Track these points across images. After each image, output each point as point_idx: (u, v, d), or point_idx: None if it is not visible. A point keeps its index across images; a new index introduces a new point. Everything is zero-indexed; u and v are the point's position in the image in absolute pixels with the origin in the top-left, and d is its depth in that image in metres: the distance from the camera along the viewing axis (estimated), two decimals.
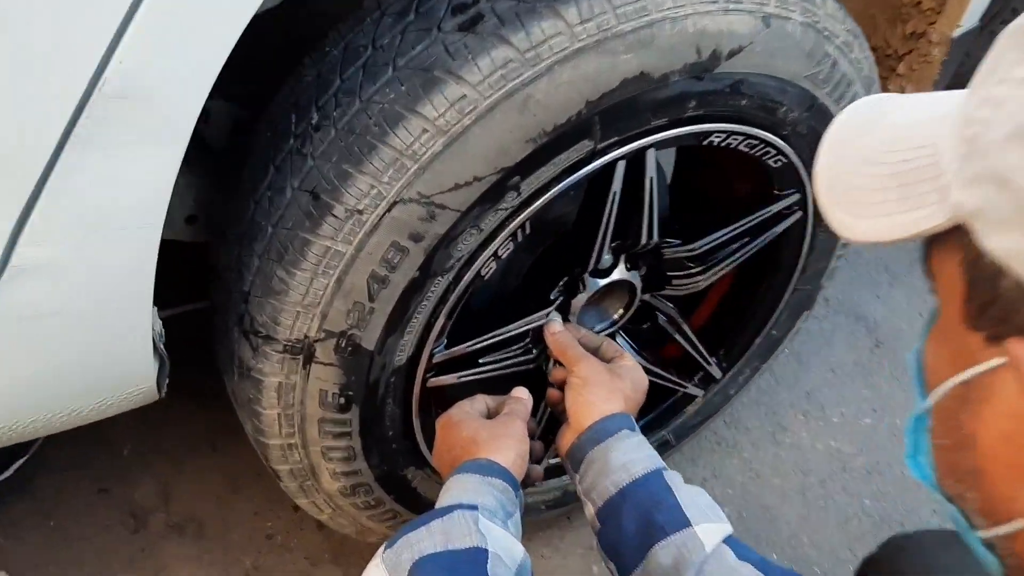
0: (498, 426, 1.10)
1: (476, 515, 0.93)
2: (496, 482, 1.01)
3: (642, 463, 1.05)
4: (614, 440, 1.07)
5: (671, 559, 0.97)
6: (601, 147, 1.09)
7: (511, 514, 1.01)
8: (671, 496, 1.01)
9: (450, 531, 0.91)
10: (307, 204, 1.01)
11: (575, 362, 1.17)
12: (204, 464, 1.80)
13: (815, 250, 1.47)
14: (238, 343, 1.13)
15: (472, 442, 1.07)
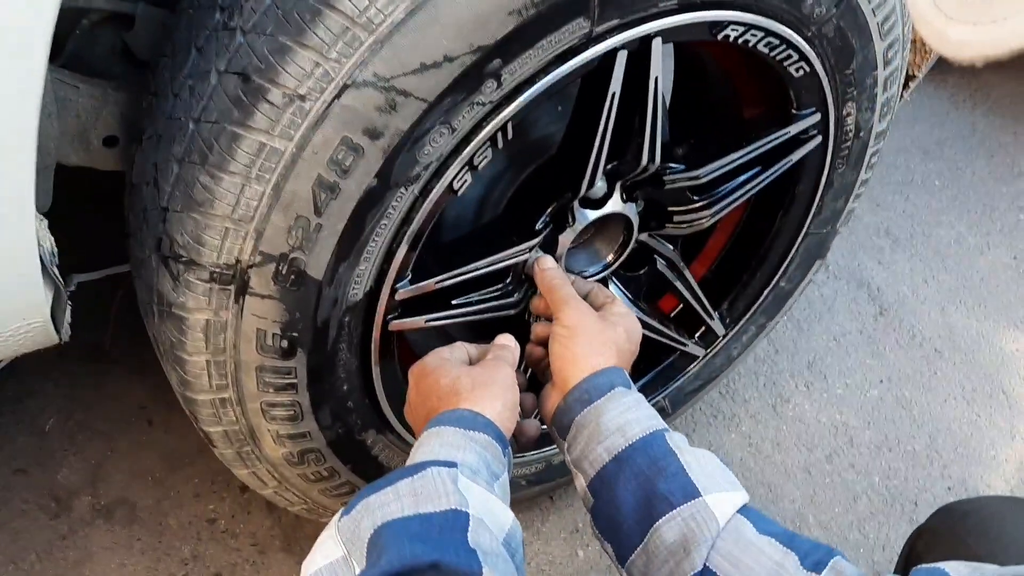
0: (483, 372, 0.91)
1: (455, 473, 0.75)
2: (480, 436, 0.83)
3: (640, 424, 0.88)
4: (606, 400, 0.90)
5: (678, 535, 0.80)
6: (599, 31, 0.90)
7: (497, 475, 0.82)
8: (675, 461, 0.84)
9: (422, 491, 0.73)
10: (235, 89, 0.81)
11: (562, 306, 0.98)
12: (139, 441, 1.59)
13: (833, 185, 1.29)
14: (156, 273, 0.92)
15: (452, 391, 0.89)
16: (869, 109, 1.21)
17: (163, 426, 1.60)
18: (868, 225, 2.26)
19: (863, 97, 1.18)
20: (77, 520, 1.47)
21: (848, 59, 1.11)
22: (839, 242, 2.15)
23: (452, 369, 0.92)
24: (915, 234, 2.26)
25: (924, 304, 2.09)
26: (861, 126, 1.22)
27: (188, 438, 1.55)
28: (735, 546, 0.78)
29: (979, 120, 2.68)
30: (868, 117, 1.22)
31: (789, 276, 1.41)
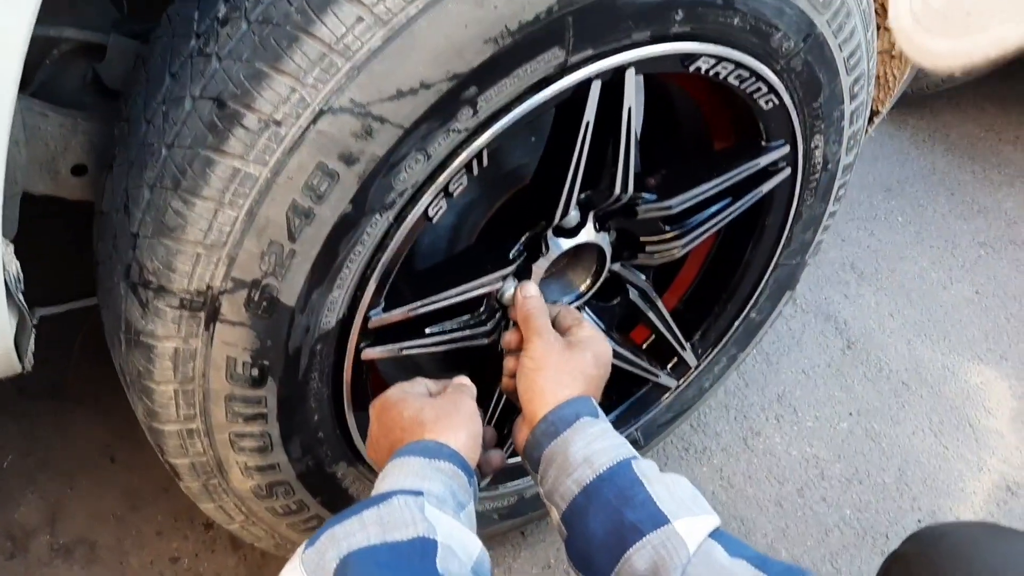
0: (445, 403, 0.91)
1: (421, 501, 0.75)
2: (445, 466, 0.82)
3: (607, 454, 0.87)
4: (572, 431, 0.90)
5: (648, 564, 0.79)
6: (574, 61, 0.90)
7: (464, 505, 0.81)
8: (643, 489, 0.84)
9: (388, 520, 0.72)
10: (210, 114, 0.81)
11: (532, 337, 0.98)
12: (100, 479, 1.55)
13: (802, 217, 1.31)
14: (125, 300, 0.90)
15: (416, 422, 0.88)
16: (836, 142, 1.23)
17: (126, 464, 1.56)
18: (834, 260, 2.29)
19: (831, 130, 1.20)
20: (34, 560, 1.43)
21: (816, 93, 1.13)
22: (806, 276, 2.18)
23: (415, 401, 0.91)
24: (880, 269, 2.29)
25: (890, 337, 2.11)
26: (829, 158, 1.24)
27: (151, 476, 1.52)
28: (707, 570, 0.78)
29: (939, 159, 2.74)
30: (836, 150, 1.24)
31: (759, 307, 1.42)
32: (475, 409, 0.92)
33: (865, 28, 1.14)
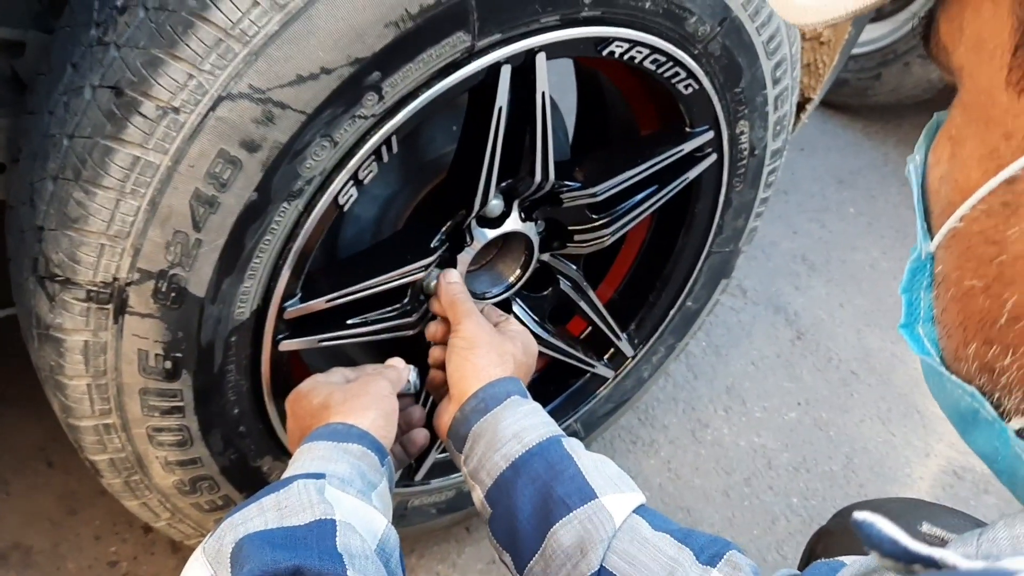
0: (355, 386, 0.91)
1: (322, 484, 0.74)
2: (353, 447, 0.82)
3: (537, 430, 0.87)
4: (503, 408, 0.90)
5: (574, 538, 0.79)
6: (481, 45, 0.90)
7: (374, 484, 0.81)
8: (572, 464, 0.84)
9: (286, 505, 0.71)
10: (108, 103, 0.80)
11: (462, 319, 0.98)
12: (36, 483, 1.53)
13: (732, 204, 1.31)
14: (34, 295, 0.89)
15: (323, 407, 0.88)
16: (762, 127, 1.24)
17: (62, 467, 1.55)
18: (785, 252, 2.31)
19: (755, 115, 1.21)
20: None
21: (736, 77, 1.14)
22: (757, 268, 2.20)
23: (324, 388, 0.92)
24: (831, 260, 2.31)
25: (840, 327, 2.13)
26: (755, 144, 1.25)
27: (89, 479, 1.49)
28: (631, 545, 0.78)
29: (891, 151, 2.77)
30: (762, 135, 1.25)
31: (695, 295, 1.42)
32: (388, 389, 0.91)
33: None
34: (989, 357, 0.40)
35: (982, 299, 0.40)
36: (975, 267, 0.40)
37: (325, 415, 0.86)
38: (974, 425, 0.43)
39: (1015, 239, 0.37)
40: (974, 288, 0.40)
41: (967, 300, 0.41)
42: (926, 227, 0.44)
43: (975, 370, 0.41)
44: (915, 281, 0.46)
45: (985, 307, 0.39)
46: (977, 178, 0.39)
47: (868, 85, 2.67)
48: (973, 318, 0.41)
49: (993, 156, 0.38)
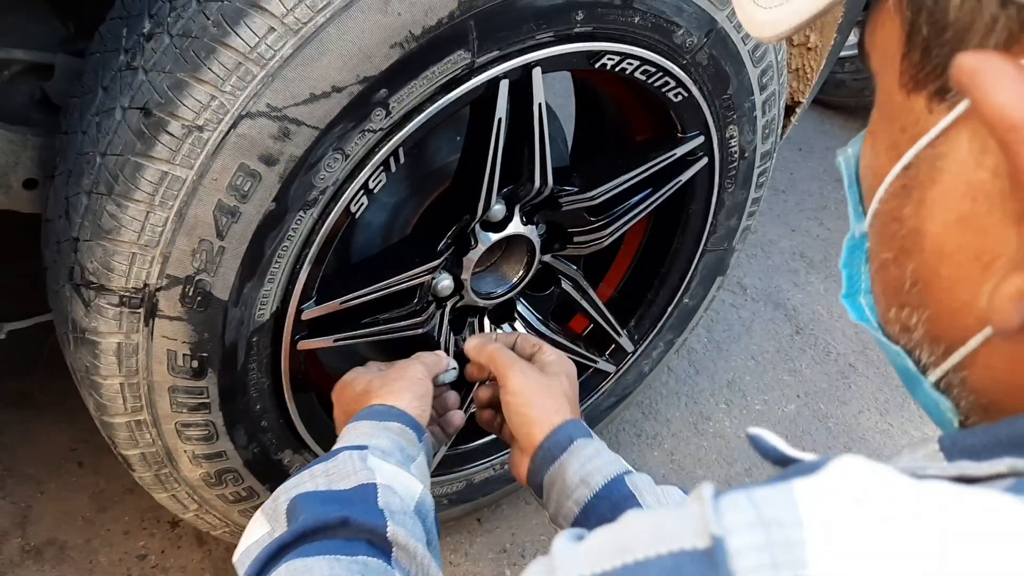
0: (392, 372, 0.98)
1: (364, 453, 0.81)
2: (392, 425, 0.89)
3: (601, 472, 0.91)
4: (568, 455, 0.93)
5: None
6: (480, 62, 0.97)
7: (412, 458, 0.88)
8: (635, 502, 0.88)
9: (334, 472, 0.79)
10: (138, 123, 0.87)
11: (505, 374, 0.99)
12: (68, 483, 1.60)
13: (724, 204, 1.38)
14: (70, 301, 0.97)
15: (365, 392, 0.95)
16: (751, 131, 1.30)
17: (92, 468, 1.62)
18: (784, 250, 2.37)
19: (743, 120, 1.27)
20: (6, 562, 1.48)
21: (724, 85, 1.20)
22: (756, 266, 2.26)
23: (365, 375, 0.99)
24: (829, 257, 2.37)
25: (839, 322, 2.19)
26: (745, 147, 1.31)
27: (118, 478, 1.58)
28: None
29: None
30: (751, 139, 1.31)
31: (691, 293, 1.49)
32: (422, 372, 0.97)
33: None
34: (903, 318, 0.46)
35: (893, 269, 0.46)
36: (887, 241, 0.46)
37: (367, 399, 0.93)
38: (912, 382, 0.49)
39: (909, 215, 0.43)
40: (887, 260, 0.46)
41: (884, 270, 0.47)
42: (860, 210, 0.49)
43: (898, 331, 0.47)
44: (853, 257, 0.52)
45: (895, 275, 0.45)
46: (886, 166, 0.45)
47: (864, 86, 2.73)
48: (890, 286, 0.47)
49: (895, 147, 0.44)
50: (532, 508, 1.68)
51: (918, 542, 0.29)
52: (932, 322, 0.44)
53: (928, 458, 0.40)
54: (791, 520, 0.31)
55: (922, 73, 0.40)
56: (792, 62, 1.48)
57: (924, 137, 0.41)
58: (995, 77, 0.33)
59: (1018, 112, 0.32)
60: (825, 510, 0.31)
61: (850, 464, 0.33)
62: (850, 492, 0.31)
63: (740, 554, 0.31)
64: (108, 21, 0.96)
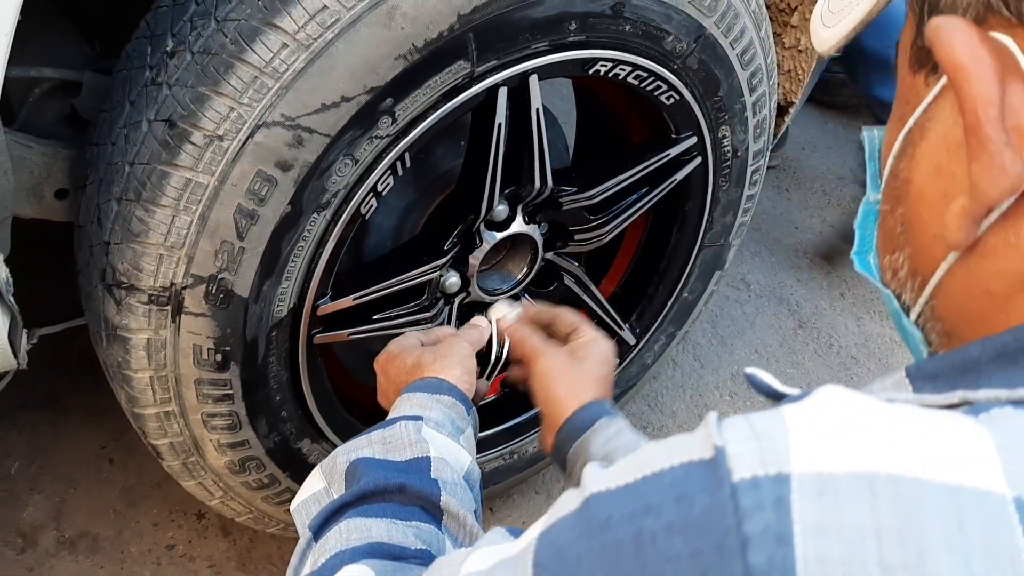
0: (442, 347, 1.03)
1: (419, 424, 0.87)
2: (444, 398, 0.95)
3: (621, 451, 0.96)
4: (591, 433, 0.98)
5: None
6: (479, 71, 1.04)
7: (462, 430, 0.94)
8: None
9: (391, 440, 0.85)
10: (163, 134, 0.95)
11: (532, 359, 1.06)
12: (99, 479, 1.68)
13: (720, 202, 1.44)
14: (103, 301, 1.04)
15: (417, 365, 1.01)
16: (743, 131, 1.36)
17: (122, 464, 1.69)
18: (788, 247, 2.42)
19: (735, 121, 1.33)
20: (43, 553, 1.56)
21: (715, 88, 1.27)
22: (760, 263, 2.32)
23: (414, 349, 1.04)
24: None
25: (841, 316, 2.24)
26: (738, 147, 1.37)
27: (146, 474, 1.65)
28: None
29: None
30: (743, 138, 1.37)
31: (691, 287, 1.55)
32: (469, 349, 1.03)
33: (757, 27, 1.27)
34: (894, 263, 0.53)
35: (889, 219, 0.52)
36: (888, 195, 0.53)
37: (419, 372, 0.99)
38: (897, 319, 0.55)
39: (903, 169, 0.50)
40: (886, 211, 0.53)
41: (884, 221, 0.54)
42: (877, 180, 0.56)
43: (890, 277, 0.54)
44: (867, 220, 0.58)
45: (891, 224, 0.52)
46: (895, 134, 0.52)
47: None
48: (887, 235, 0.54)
49: (901, 118, 0.51)
50: (543, 497, 1.74)
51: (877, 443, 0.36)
52: (913, 258, 0.50)
53: (896, 385, 0.47)
54: (779, 432, 0.37)
55: (922, 53, 0.48)
56: (784, 64, 1.54)
57: (920, 105, 0.48)
58: (949, 31, 0.40)
59: (961, 54, 0.40)
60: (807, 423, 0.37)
61: (832, 392, 0.40)
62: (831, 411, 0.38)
63: (736, 457, 0.37)
64: (134, 40, 1.04)
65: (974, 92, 0.39)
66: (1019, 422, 0.36)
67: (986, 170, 0.39)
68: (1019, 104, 0.39)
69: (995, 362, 0.41)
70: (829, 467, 0.35)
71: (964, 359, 0.43)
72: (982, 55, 0.39)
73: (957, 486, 0.34)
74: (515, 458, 1.54)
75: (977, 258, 0.44)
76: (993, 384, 0.40)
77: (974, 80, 0.39)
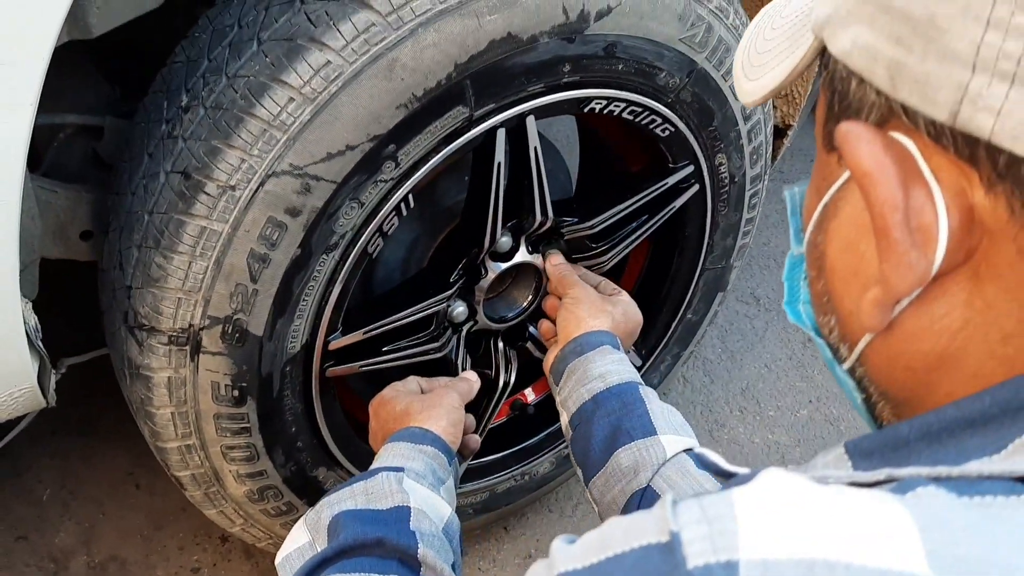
0: (431, 397, 1.10)
1: (401, 476, 0.92)
2: (427, 448, 1.00)
3: (619, 375, 1.07)
4: (595, 352, 1.10)
5: (631, 461, 0.98)
6: (478, 115, 1.09)
7: (443, 480, 0.99)
8: (642, 406, 1.03)
9: (373, 491, 0.90)
10: (179, 185, 1.00)
11: (569, 286, 1.22)
12: (127, 504, 1.74)
13: (719, 226, 1.48)
14: (126, 341, 1.10)
15: (405, 413, 1.07)
16: (739, 158, 1.40)
17: (148, 489, 1.75)
18: None
19: (731, 149, 1.37)
20: None
21: (709, 118, 1.31)
22: (769, 278, 2.35)
23: (405, 396, 1.11)
24: None
25: None
26: (735, 173, 1.41)
27: (171, 498, 1.71)
28: (675, 474, 0.95)
29: None
30: (740, 164, 1.41)
31: (694, 308, 1.59)
32: (458, 401, 1.10)
33: None
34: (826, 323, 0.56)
35: (816, 284, 0.56)
36: (811, 263, 0.56)
37: (406, 420, 1.05)
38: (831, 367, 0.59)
39: (820, 242, 0.53)
40: (813, 276, 0.57)
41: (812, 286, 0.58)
42: (800, 236, 0.60)
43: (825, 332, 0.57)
44: (793, 272, 0.62)
45: (817, 289, 0.56)
46: (814, 203, 0.55)
47: None
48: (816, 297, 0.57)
49: (818, 191, 0.54)
50: (556, 516, 1.78)
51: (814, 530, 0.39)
52: (839, 326, 0.54)
53: (837, 461, 0.50)
54: (728, 516, 0.40)
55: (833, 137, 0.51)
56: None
57: (834, 184, 0.51)
58: (856, 139, 0.44)
59: (867, 163, 0.43)
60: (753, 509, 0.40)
61: (774, 475, 0.42)
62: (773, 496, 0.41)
63: (690, 543, 0.40)
64: (150, 94, 1.10)
65: (880, 198, 0.42)
66: (940, 500, 0.38)
67: (895, 268, 0.43)
68: (921, 206, 0.42)
69: (922, 440, 0.44)
70: (773, 554, 0.38)
71: (896, 437, 0.45)
72: (886, 163, 0.42)
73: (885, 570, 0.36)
74: (526, 479, 1.59)
75: (894, 339, 0.47)
76: (920, 462, 0.43)
77: (880, 186, 0.42)
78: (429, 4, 0.98)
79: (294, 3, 0.99)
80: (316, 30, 0.96)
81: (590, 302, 1.18)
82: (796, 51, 0.55)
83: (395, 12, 0.97)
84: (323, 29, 0.96)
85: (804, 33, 0.55)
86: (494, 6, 1.02)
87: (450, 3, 0.99)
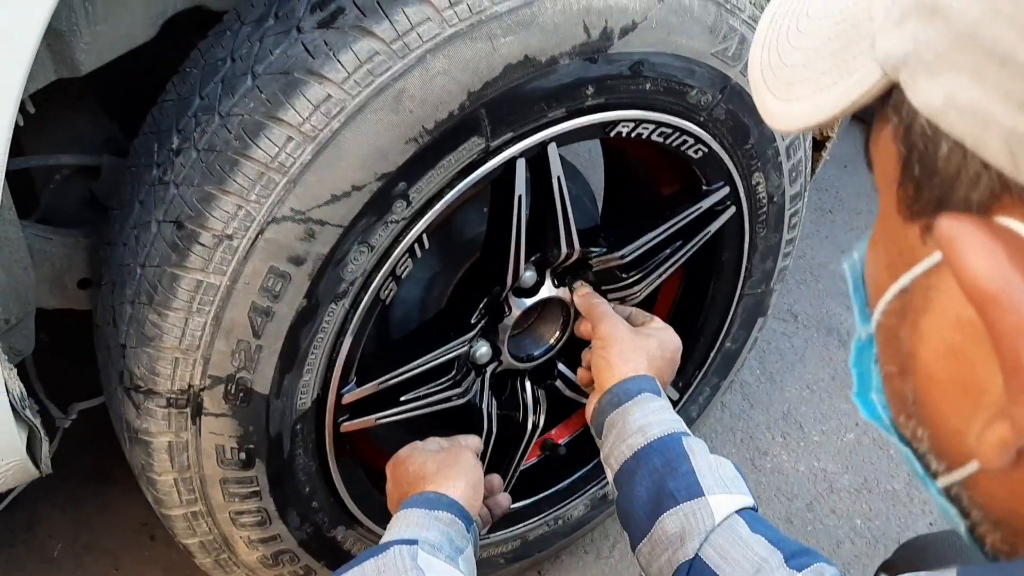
0: (446, 457, 1.02)
1: (415, 550, 0.84)
2: (443, 515, 0.92)
3: (660, 426, 0.98)
4: (633, 403, 1.01)
5: (677, 527, 0.89)
6: (495, 145, 1.00)
7: (461, 550, 0.91)
8: (687, 463, 0.94)
9: (384, 569, 0.82)
10: (172, 235, 0.92)
11: (599, 321, 1.13)
12: (142, 556, 1.66)
13: (758, 248, 1.37)
14: (122, 403, 1.01)
15: (419, 476, 0.99)
16: (778, 176, 1.30)
17: (165, 540, 1.67)
18: (834, 272, 2.34)
19: (769, 167, 1.27)
20: None
21: (745, 136, 1.21)
22: (806, 291, 2.24)
23: (420, 456, 1.02)
24: None
25: None
26: (773, 192, 1.31)
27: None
28: (726, 540, 0.86)
29: None
30: (778, 183, 1.31)
31: (733, 336, 1.49)
32: (475, 460, 1.02)
33: None
34: (911, 427, 0.46)
35: (897, 382, 0.46)
36: (891, 355, 0.46)
37: (420, 483, 0.96)
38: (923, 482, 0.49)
39: (905, 337, 0.43)
40: (892, 372, 0.46)
41: (890, 381, 0.47)
42: (866, 313, 0.49)
43: (909, 436, 0.47)
44: (862, 357, 0.52)
45: (899, 388, 0.46)
46: (885, 283, 0.45)
47: None
48: (895, 396, 0.47)
49: (892, 267, 0.44)
50: (591, 557, 1.68)
51: None
52: (933, 440, 0.44)
53: None
54: None
55: (916, 206, 0.40)
56: None
57: (917, 266, 0.41)
58: (968, 247, 0.33)
59: (991, 284, 0.33)
60: None
61: None
62: None
63: None
64: (141, 136, 1.01)
65: (1011, 328, 0.32)
66: None
67: None
68: None
69: None
70: None
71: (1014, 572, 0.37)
72: (1014, 280, 0.32)
73: None
74: (560, 523, 1.49)
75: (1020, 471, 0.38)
76: None
77: (1010, 315, 0.32)
78: (437, 28, 0.89)
79: (290, 33, 0.91)
80: (315, 62, 0.88)
81: (620, 341, 1.09)
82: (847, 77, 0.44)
83: (400, 39, 0.88)
84: (322, 60, 0.88)
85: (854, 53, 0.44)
86: (508, 27, 0.93)
87: (460, 27, 0.90)
